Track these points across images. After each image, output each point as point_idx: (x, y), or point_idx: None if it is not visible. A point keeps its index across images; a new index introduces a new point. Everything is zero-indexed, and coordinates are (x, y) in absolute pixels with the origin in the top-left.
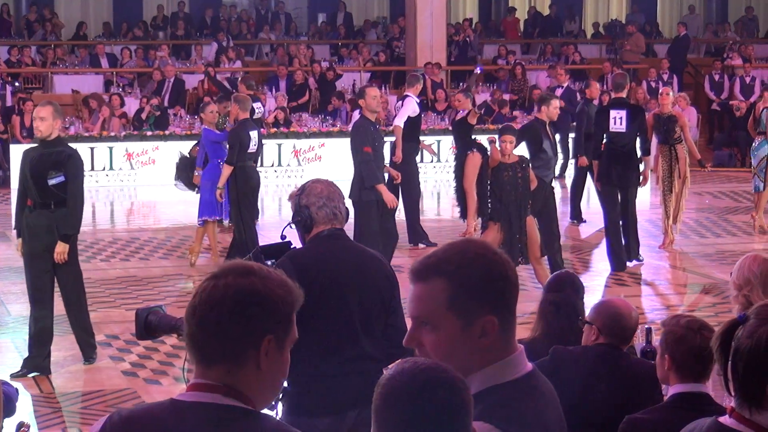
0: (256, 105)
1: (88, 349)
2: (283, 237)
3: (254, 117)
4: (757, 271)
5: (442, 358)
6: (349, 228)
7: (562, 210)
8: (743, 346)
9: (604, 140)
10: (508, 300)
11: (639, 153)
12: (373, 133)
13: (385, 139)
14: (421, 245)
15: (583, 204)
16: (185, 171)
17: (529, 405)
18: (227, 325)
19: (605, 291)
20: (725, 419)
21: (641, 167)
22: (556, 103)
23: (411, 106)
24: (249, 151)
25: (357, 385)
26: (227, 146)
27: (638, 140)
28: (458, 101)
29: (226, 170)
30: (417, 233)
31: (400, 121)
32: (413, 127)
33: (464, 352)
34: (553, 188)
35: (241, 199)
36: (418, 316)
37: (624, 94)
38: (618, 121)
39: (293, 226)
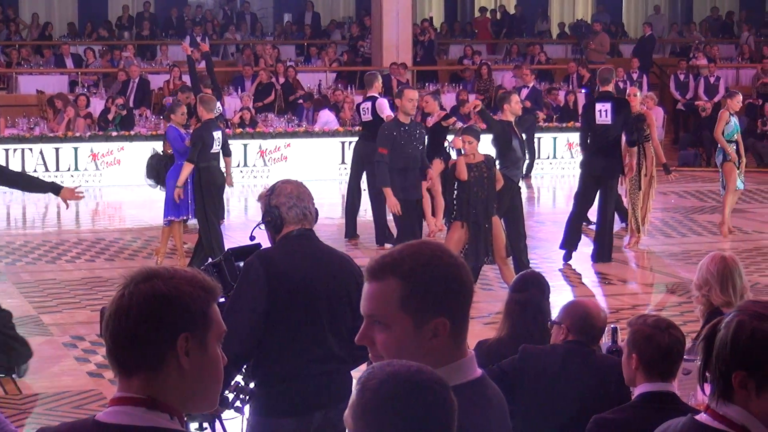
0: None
1: None
2: (252, 238)
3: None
4: (714, 270)
5: (392, 357)
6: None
7: (528, 210)
8: (719, 344)
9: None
10: (461, 303)
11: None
12: (402, 134)
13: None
14: (387, 245)
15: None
16: (156, 169)
17: (471, 411)
18: (137, 332)
19: (572, 291)
20: (701, 416)
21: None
22: (516, 98)
23: (386, 104)
24: (212, 151)
25: (324, 386)
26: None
27: (624, 132)
28: (426, 102)
29: (186, 169)
30: (384, 234)
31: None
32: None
33: (414, 353)
34: (520, 188)
35: (206, 199)
36: (371, 315)
37: (610, 88)
38: (603, 113)
39: (263, 226)
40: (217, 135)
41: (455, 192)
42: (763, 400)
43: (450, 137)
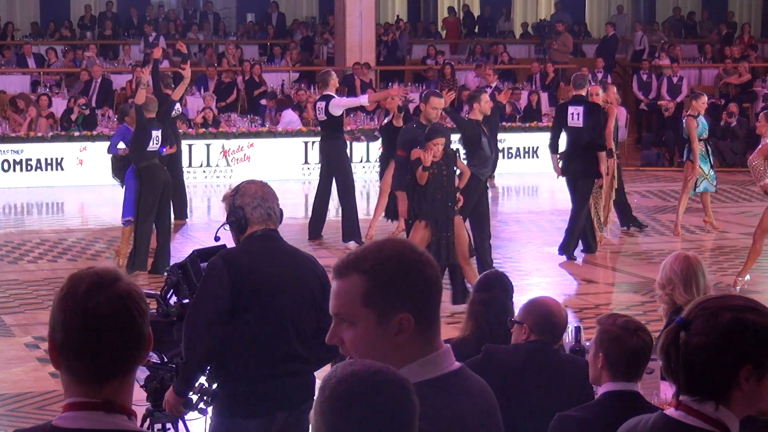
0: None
1: None
2: (217, 238)
3: (174, 116)
4: (678, 269)
5: (361, 354)
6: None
7: (492, 210)
8: (694, 345)
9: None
10: (426, 299)
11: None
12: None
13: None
14: (352, 244)
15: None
16: (121, 167)
17: (445, 403)
18: (128, 339)
19: (535, 290)
20: (671, 411)
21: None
22: (486, 97)
23: (344, 99)
24: (149, 149)
25: (288, 387)
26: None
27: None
28: (392, 98)
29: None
30: (352, 232)
31: (364, 99)
32: (339, 126)
33: (382, 349)
34: (487, 187)
35: (143, 199)
36: (337, 313)
37: (583, 92)
38: (575, 116)
39: (227, 227)
40: (156, 133)
41: (414, 192)
42: (763, 387)
43: None
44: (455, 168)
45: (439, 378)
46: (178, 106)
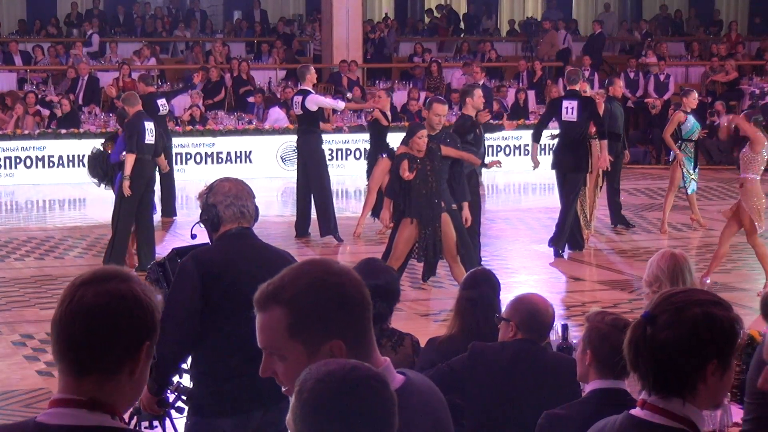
0: (160, 102)
1: None
2: (193, 236)
3: (159, 114)
4: (665, 267)
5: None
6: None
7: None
8: (662, 339)
9: (559, 130)
10: (354, 321)
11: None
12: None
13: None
14: (328, 238)
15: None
16: (97, 165)
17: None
18: (111, 333)
19: (522, 288)
20: (637, 411)
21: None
22: (479, 92)
23: (321, 97)
24: (147, 142)
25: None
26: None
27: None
28: (379, 97)
29: (129, 159)
30: (329, 226)
31: (341, 105)
32: (315, 120)
33: None
34: (479, 183)
35: (124, 191)
36: (266, 347)
37: (577, 87)
38: (570, 110)
39: (202, 225)
40: (149, 125)
41: (400, 189)
42: (724, 382)
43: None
44: (438, 164)
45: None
46: (163, 102)
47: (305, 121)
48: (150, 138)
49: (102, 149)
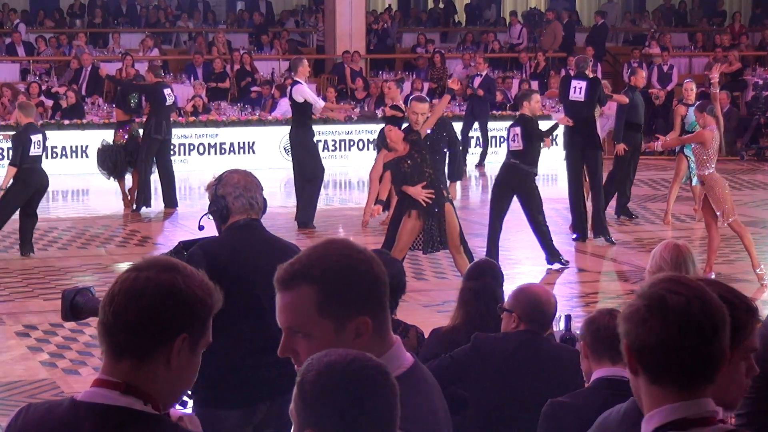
0: (167, 91)
1: None
2: (201, 227)
3: (166, 104)
4: (668, 257)
5: None
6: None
7: (481, 198)
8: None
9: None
10: (378, 297)
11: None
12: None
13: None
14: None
15: None
16: (106, 158)
17: (419, 400)
18: (142, 318)
19: (526, 279)
20: None
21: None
22: (537, 97)
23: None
24: (32, 154)
25: (268, 377)
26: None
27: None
28: (388, 89)
29: (10, 171)
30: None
31: (321, 103)
32: (305, 112)
33: None
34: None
35: (7, 195)
36: (289, 326)
37: (585, 72)
38: (578, 90)
39: (210, 216)
40: (36, 138)
41: (401, 184)
42: (735, 377)
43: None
44: (427, 151)
45: (403, 375)
46: (169, 92)
47: (296, 113)
48: (36, 150)
49: (111, 143)
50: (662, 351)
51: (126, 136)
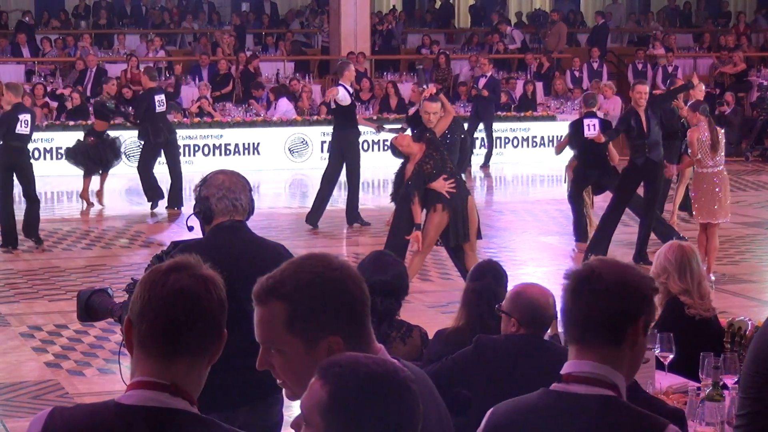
0: (158, 98)
1: None
2: (190, 228)
3: (156, 111)
4: (673, 258)
5: (293, 379)
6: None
7: (486, 199)
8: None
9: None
10: (353, 316)
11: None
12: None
13: None
14: (356, 225)
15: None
16: (78, 155)
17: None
18: (200, 316)
19: (530, 280)
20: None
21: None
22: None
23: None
24: (18, 131)
25: (249, 380)
26: None
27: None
28: (413, 92)
29: None
30: (353, 216)
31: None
32: (351, 114)
33: (313, 374)
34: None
35: None
36: (264, 341)
37: (595, 109)
38: (591, 127)
39: (196, 217)
40: (24, 117)
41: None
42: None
43: None
44: (443, 149)
45: None
46: (161, 98)
47: (341, 116)
48: (23, 128)
49: (83, 140)
50: None
51: (96, 141)
